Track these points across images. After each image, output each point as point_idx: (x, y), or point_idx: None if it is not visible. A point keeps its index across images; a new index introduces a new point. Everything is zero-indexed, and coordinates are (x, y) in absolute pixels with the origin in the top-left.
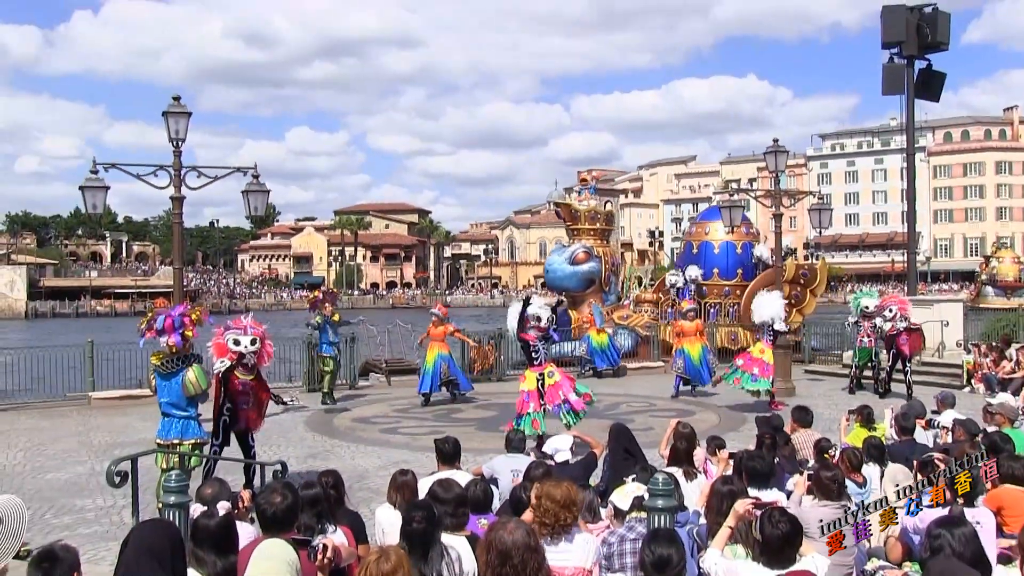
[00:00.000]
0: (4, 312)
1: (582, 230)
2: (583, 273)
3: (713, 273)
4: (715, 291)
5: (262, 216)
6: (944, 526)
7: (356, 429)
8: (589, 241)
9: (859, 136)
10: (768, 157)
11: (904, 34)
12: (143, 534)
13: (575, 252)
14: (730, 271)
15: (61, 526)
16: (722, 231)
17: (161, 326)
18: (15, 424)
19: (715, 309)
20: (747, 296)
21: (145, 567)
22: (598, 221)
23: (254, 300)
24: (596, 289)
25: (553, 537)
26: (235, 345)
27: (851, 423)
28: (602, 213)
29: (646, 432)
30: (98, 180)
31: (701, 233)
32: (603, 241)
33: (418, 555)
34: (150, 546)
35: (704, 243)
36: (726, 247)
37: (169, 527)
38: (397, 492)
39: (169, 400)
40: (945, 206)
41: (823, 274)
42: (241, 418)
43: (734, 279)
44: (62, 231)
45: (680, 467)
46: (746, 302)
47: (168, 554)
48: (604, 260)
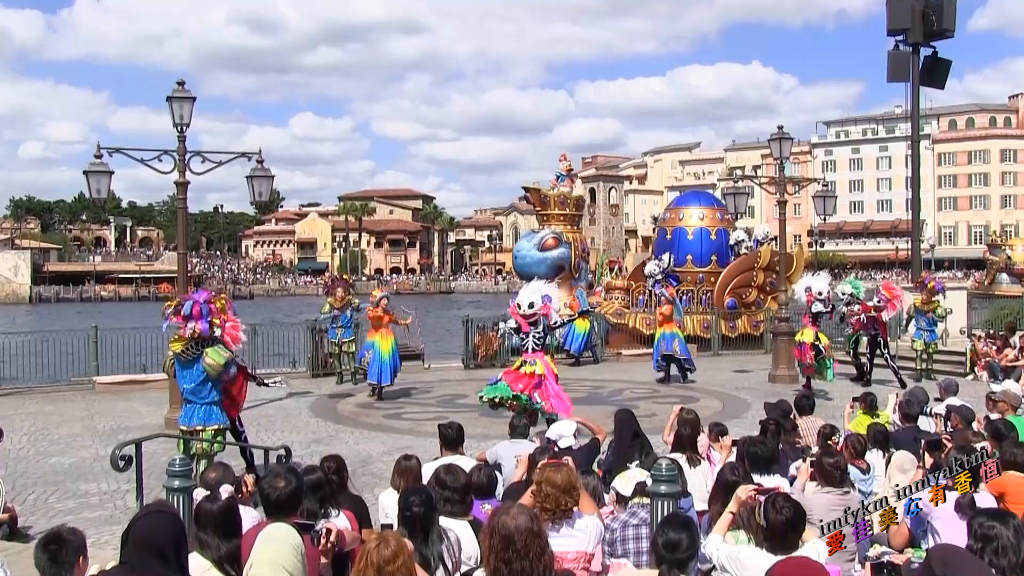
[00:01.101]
0: (8, 297)
1: (552, 215)
2: (552, 259)
3: (687, 260)
4: (689, 278)
5: (266, 202)
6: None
7: (360, 414)
8: (559, 227)
9: (864, 123)
10: (772, 144)
11: (910, 21)
12: (144, 527)
13: (544, 238)
14: (704, 258)
15: (66, 510)
16: (696, 217)
17: (189, 311)
18: (20, 408)
19: (687, 297)
20: (720, 283)
21: (147, 563)
22: (568, 206)
23: (258, 286)
24: (566, 276)
25: (555, 522)
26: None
27: (855, 410)
28: (571, 198)
29: (649, 418)
30: (102, 165)
31: (675, 219)
32: (573, 227)
33: (419, 539)
34: (151, 541)
35: (678, 229)
36: (700, 233)
37: (169, 518)
38: (401, 477)
39: (191, 386)
40: (949, 194)
41: (799, 261)
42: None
43: (708, 265)
44: (66, 216)
45: (684, 453)
46: (719, 289)
47: (170, 547)
48: (574, 246)
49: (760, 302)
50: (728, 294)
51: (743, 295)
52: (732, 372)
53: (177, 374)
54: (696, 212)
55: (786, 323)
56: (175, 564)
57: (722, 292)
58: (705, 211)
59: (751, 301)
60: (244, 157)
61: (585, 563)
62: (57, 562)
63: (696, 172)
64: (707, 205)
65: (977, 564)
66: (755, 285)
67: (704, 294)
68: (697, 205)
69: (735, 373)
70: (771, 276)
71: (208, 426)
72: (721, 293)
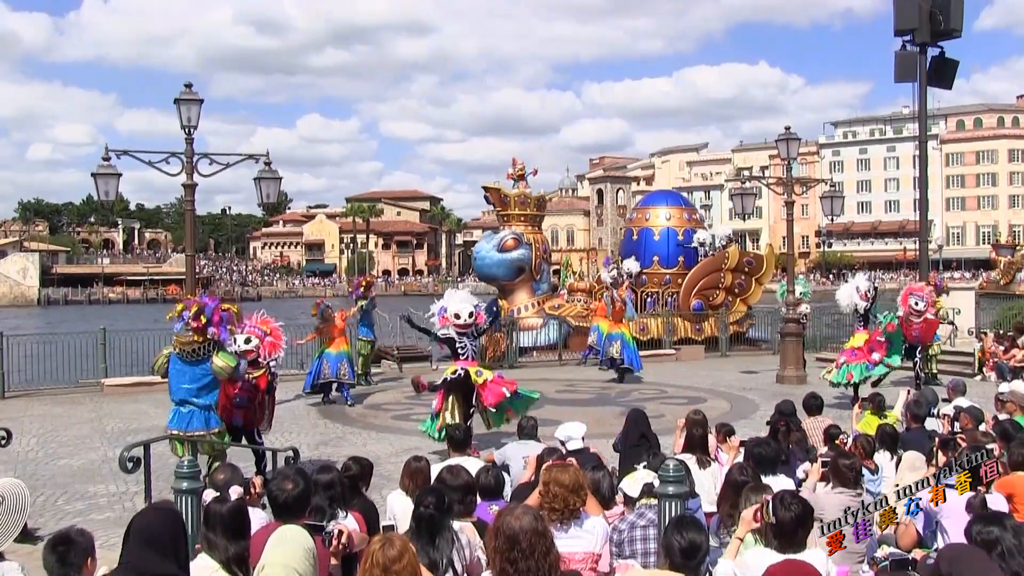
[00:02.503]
0: (17, 299)
1: (512, 216)
2: (512, 261)
3: (653, 261)
4: (655, 280)
5: (274, 203)
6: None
7: (368, 416)
8: (520, 227)
9: (871, 124)
10: (780, 145)
11: (917, 21)
12: (143, 524)
13: (503, 239)
14: (671, 259)
15: (74, 512)
16: (663, 217)
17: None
18: (29, 411)
19: (652, 299)
20: (686, 284)
21: (146, 557)
22: (528, 206)
23: (266, 287)
24: (527, 278)
25: (563, 522)
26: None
27: (863, 411)
28: (532, 198)
29: (658, 419)
30: (110, 167)
31: (641, 219)
32: (535, 227)
33: (426, 540)
34: (150, 535)
35: (644, 230)
36: (667, 234)
37: (169, 514)
38: (410, 479)
39: (193, 387)
40: (957, 194)
41: (770, 262)
42: (236, 414)
43: (675, 267)
44: (74, 218)
45: (694, 454)
46: (685, 291)
47: (169, 541)
48: (535, 247)
49: (728, 304)
50: (695, 296)
51: (710, 297)
52: (739, 373)
53: (174, 373)
54: (663, 212)
55: (794, 324)
56: (173, 559)
57: (688, 294)
58: (672, 211)
59: (718, 303)
60: (251, 159)
61: (592, 563)
62: (66, 563)
63: (704, 173)
64: (674, 205)
65: (986, 563)
66: (723, 287)
67: (670, 296)
68: (664, 205)
69: (743, 374)
70: (739, 278)
71: (210, 430)
72: (687, 295)
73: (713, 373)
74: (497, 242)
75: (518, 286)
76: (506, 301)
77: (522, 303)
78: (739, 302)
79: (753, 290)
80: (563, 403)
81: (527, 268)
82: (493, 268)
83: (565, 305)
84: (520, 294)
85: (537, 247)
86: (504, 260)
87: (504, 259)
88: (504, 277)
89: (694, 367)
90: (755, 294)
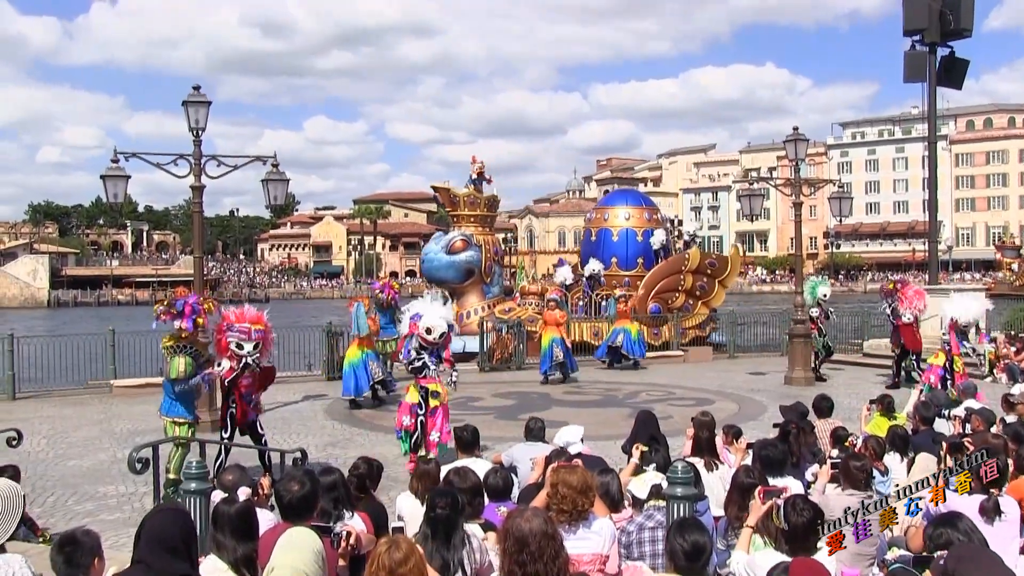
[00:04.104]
0: (27, 301)
1: (462, 216)
2: (461, 263)
3: (611, 262)
4: (613, 282)
5: (282, 205)
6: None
7: (376, 417)
8: (469, 228)
9: (880, 124)
10: (788, 146)
11: (926, 21)
12: (154, 525)
13: (452, 240)
14: (630, 260)
15: (84, 512)
16: (622, 217)
17: (180, 309)
18: (39, 411)
19: (605, 302)
20: (643, 287)
21: (158, 557)
22: (478, 207)
23: (274, 289)
24: (476, 280)
25: (572, 524)
26: (237, 349)
27: (871, 412)
28: (482, 198)
29: (665, 420)
30: (119, 169)
31: (600, 220)
32: (485, 228)
33: (441, 541)
34: (161, 535)
35: (602, 230)
36: (625, 234)
37: (179, 514)
38: (418, 480)
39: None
40: (967, 195)
41: (735, 264)
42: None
43: (634, 269)
44: (84, 220)
45: (702, 457)
46: (642, 293)
47: (180, 542)
48: (485, 249)
49: (688, 307)
50: (652, 299)
51: (669, 300)
52: (747, 374)
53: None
54: (622, 212)
55: (802, 325)
56: (185, 559)
57: (645, 297)
58: (631, 211)
59: (678, 306)
60: (259, 161)
61: (601, 564)
62: (72, 564)
63: (711, 174)
64: (634, 204)
65: (992, 561)
66: (683, 289)
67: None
68: (623, 204)
69: (751, 375)
70: (701, 280)
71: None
72: (644, 298)
73: (721, 374)
74: (446, 243)
75: (468, 289)
76: (456, 304)
77: (472, 306)
78: (700, 305)
79: (716, 292)
80: (570, 404)
81: (476, 270)
82: (442, 270)
83: (517, 308)
84: (470, 297)
85: (488, 249)
86: (453, 262)
87: (453, 261)
88: (453, 279)
89: (702, 368)
90: (718, 296)
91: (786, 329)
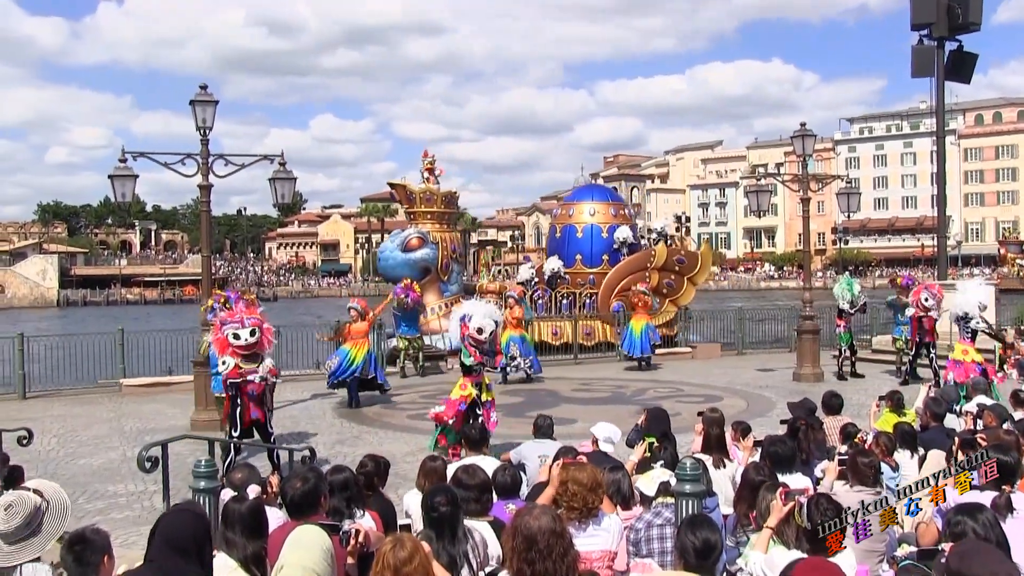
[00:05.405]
0: (37, 301)
1: (419, 213)
2: (416, 260)
3: (576, 260)
4: (577, 280)
5: (289, 204)
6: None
7: (384, 415)
8: (426, 226)
9: (887, 119)
10: (795, 141)
11: (934, 15)
12: (168, 525)
13: (408, 238)
14: (595, 257)
15: (94, 511)
16: (587, 213)
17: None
18: (49, 411)
19: (568, 301)
20: (606, 285)
21: (170, 557)
22: (435, 203)
23: (282, 287)
24: (433, 278)
25: (582, 521)
26: (235, 340)
27: (880, 408)
28: (438, 194)
29: (674, 417)
30: (127, 169)
31: (565, 216)
32: (444, 225)
33: (447, 539)
34: (173, 537)
35: (567, 227)
36: (590, 231)
37: (194, 516)
38: (426, 478)
39: None
40: (976, 189)
41: (706, 261)
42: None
43: (599, 266)
44: (92, 220)
45: (711, 455)
46: (604, 291)
47: (192, 545)
48: (443, 246)
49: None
50: (615, 297)
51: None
52: (756, 371)
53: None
54: (587, 208)
55: (811, 322)
56: (197, 561)
57: (607, 295)
58: (597, 206)
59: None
60: (266, 160)
61: (609, 561)
62: (82, 562)
63: (718, 170)
64: (600, 200)
65: (997, 557)
66: (648, 287)
67: (588, 297)
68: (589, 200)
69: (759, 372)
70: (668, 277)
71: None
72: (606, 296)
73: (730, 371)
74: (401, 241)
75: (425, 287)
76: None
77: (430, 305)
78: (668, 303)
79: (685, 290)
80: (579, 402)
81: (432, 268)
82: (397, 268)
83: None
84: (427, 296)
85: (445, 246)
86: (408, 260)
87: (408, 259)
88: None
89: (710, 365)
90: (687, 294)
91: (795, 325)
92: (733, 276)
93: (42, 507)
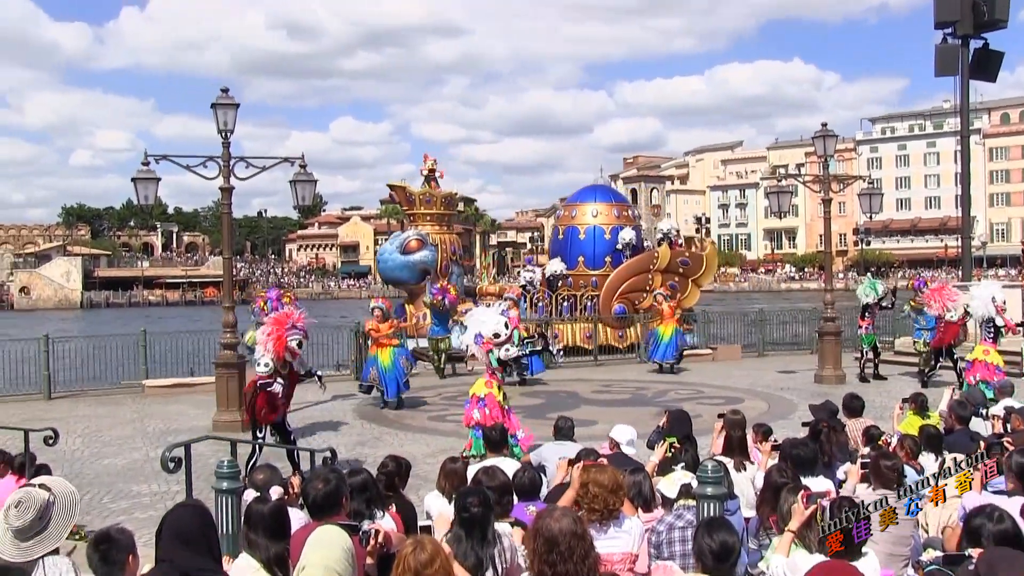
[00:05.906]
0: (61, 302)
1: (418, 215)
2: (415, 263)
3: (578, 262)
4: (580, 282)
5: (309, 206)
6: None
7: (404, 416)
8: (426, 227)
9: (910, 119)
10: (816, 142)
11: (959, 12)
12: (175, 521)
13: (407, 240)
14: (598, 259)
15: (119, 510)
16: (589, 214)
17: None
18: (73, 411)
19: (568, 304)
20: (608, 286)
21: (181, 552)
22: (435, 205)
23: (302, 289)
24: (433, 280)
25: (603, 523)
26: (298, 348)
27: (904, 411)
28: (438, 196)
29: (695, 419)
30: (149, 172)
31: (568, 217)
32: (443, 227)
33: (476, 539)
34: (180, 531)
35: (570, 228)
36: (593, 232)
37: (197, 509)
38: (446, 479)
39: None
40: (1002, 189)
41: (711, 262)
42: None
43: (601, 268)
44: (115, 223)
45: (732, 457)
46: (606, 293)
47: (199, 537)
48: (442, 248)
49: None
50: (617, 299)
51: (635, 301)
52: (777, 373)
53: None
54: (590, 209)
55: (832, 323)
56: (206, 553)
57: (609, 297)
58: (600, 207)
59: (645, 307)
60: (287, 162)
61: (631, 563)
62: (108, 561)
63: (739, 171)
64: (603, 201)
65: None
66: (650, 289)
67: (590, 300)
68: (592, 201)
69: (780, 374)
70: (672, 279)
71: None
72: (608, 298)
73: (751, 373)
74: (400, 243)
75: (424, 290)
76: (412, 305)
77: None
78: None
79: (689, 292)
80: (599, 403)
81: (432, 270)
82: (396, 271)
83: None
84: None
85: (444, 248)
86: (408, 262)
87: (408, 261)
88: (409, 280)
89: (731, 367)
90: (691, 296)
91: (816, 327)
92: (754, 277)
93: (51, 501)
